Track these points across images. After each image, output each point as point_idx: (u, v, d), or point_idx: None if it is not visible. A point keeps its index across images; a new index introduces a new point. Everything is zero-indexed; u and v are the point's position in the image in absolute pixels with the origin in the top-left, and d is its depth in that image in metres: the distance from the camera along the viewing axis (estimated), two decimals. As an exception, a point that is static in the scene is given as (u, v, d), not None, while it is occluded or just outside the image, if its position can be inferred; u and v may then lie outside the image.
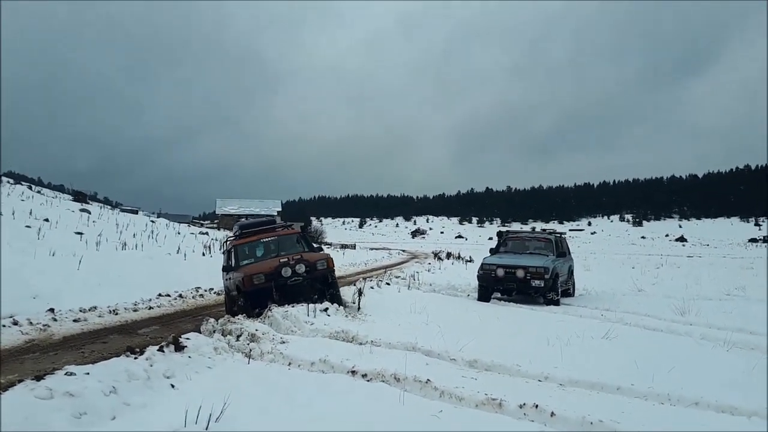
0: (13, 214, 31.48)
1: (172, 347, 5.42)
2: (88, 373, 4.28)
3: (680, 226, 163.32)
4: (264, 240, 11.68)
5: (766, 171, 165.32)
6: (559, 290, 13.11)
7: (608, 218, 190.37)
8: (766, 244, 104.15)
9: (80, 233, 29.33)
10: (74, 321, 10.63)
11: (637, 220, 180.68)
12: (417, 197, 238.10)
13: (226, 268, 11.63)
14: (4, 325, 9.54)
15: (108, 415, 3.93)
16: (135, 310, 12.46)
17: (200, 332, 7.43)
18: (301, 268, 10.07)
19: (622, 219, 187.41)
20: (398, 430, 3.98)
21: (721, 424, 4.44)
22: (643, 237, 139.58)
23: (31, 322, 9.93)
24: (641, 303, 12.87)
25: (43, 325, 9.91)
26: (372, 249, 60.28)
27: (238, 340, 6.73)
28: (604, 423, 4.28)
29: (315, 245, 12.03)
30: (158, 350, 5.24)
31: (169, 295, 14.78)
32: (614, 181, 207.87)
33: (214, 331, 7.23)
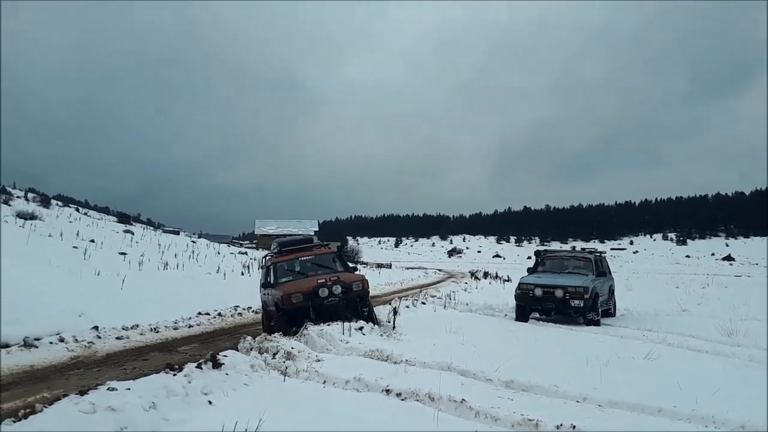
0: (61, 235, 32.65)
1: (210, 364, 5.52)
2: (129, 389, 4.39)
3: (727, 245, 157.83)
4: (302, 258, 11.88)
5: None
6: (599, 310, 12.82)
7: (651, 237, 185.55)
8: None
9: (124, 253, 30.20)
10: (117, 338, 10.92)
11: (681, 238, 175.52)
12: (453, 216, 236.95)
13: (265, 285, 11.88)
14: (51, 342, 9.89)
15: (148, 430, 4.02)
16: (175, 329, 12.72)
17: (238, 350, 7.55)
18: (337, 289, 10.22)
19: (665, 237, 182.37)
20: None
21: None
22: (687, 256, 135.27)
23: (76, 339, 10.23)
24: (685, 323, 12.48)
25: (88, 342, 10.20)
26: (408, 268, 60.06)
27: (274, 357, 6.81)
28: (645, 446, 4.17)
29: (350, 265, 12.22)
30: (197, 367, 5.35)
31: (208, 314, 15.03)
32: (656, 199, 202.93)
33: (251, 349, 7.33)
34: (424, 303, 14.63)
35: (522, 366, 6.94)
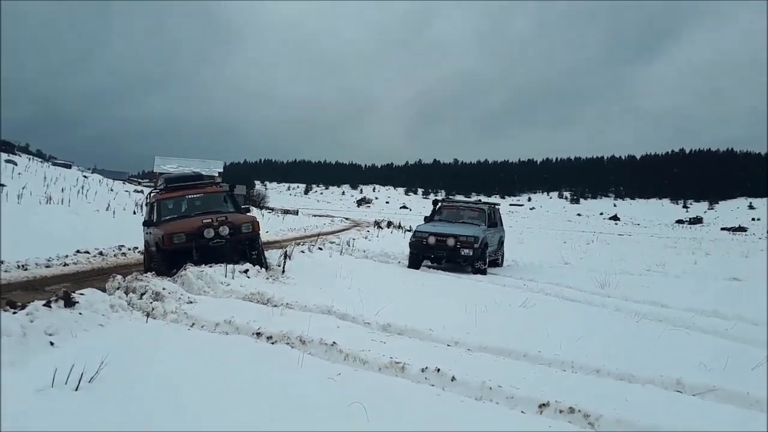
0: (-75, 162, 29.39)
1: (61, 303, 5.04)
2: (-52, 327, 3.89)
3: (615, 205, 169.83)
4: (189, 196, 11.13)
5: (700, 155, 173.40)
6: (487, 260, 13.24)
7: (548, 194, 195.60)
8: (692, 225, 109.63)
9: (2, 185, 27.69)
10: (-25, 275, 9.94)
11: (575, 197, 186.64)
12: (365, 166, 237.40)
13: (147, 223, 11.11)
14: None
15: (-34, 374, 3.58)
16: (47, 267, 11.78)
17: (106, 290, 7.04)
18: (224, 231, 9.67)
19: (560, 196, 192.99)
20: (287, 392, 3.81)
21: (616, 390, 4.48)
22: (579, 214, 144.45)
23: (-77, 276, 9.20)
24: (565, 275, 13.17)
25: (-61, 279, 9.20)
26: (315, 216, 59.73)
27: (141, 298, 6.39)
28: (503, 388, 4.25)
29: (243, 206, 11.62)
30: (45, 305, 4.86)
31: (88, 253, 14.05)
32: (557, 158, 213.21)
33: (118, 288, 6.84)
34: (320, 249, 14.45)
35: (402, 310, 6.96)
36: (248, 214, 11.15)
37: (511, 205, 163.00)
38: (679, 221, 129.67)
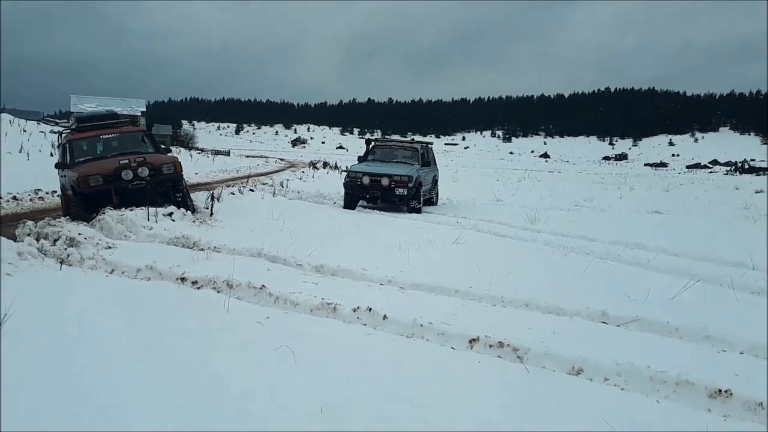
0: None
1: (-41, 252, 4.61)
2: None
3: (545, 143, 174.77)
4: (104, 137, 10.51)
5: (624, 94, 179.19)
6: (422, 199, 13.29)
7: (481, 134, 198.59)
8: (618, 161, 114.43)
9: None
10: None
11: (507, 136, 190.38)
12: (298, 105, 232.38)
13: (61, 165, 10.45)
14: None
15: None
16: (-48, 212, 10.90)
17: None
18: (144, 172, 9.22)
19: (493, 135, 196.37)
20: (211, 338, 3.66)
21: (544, 323, 4.58)
22: (511, 153, 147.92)
23: None
24: (497, 212, 13.40)
25: None
26: (248, 157, 58.17)
27: (54, 244, 5.97)
28: (434, 325, 4.25)
29: (162, 147, 11.11)
30: (-60, 256, 4.42)
31: (0, 197, 13.11)
32: (489, 97, 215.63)
33: (28, 235, 6.37)
34: (252, 190, 14.05)
35: (335, 251, 6.86)
36: (169, 154, 10.62)
37: (446, 144, 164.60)
38: (606, 158, 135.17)
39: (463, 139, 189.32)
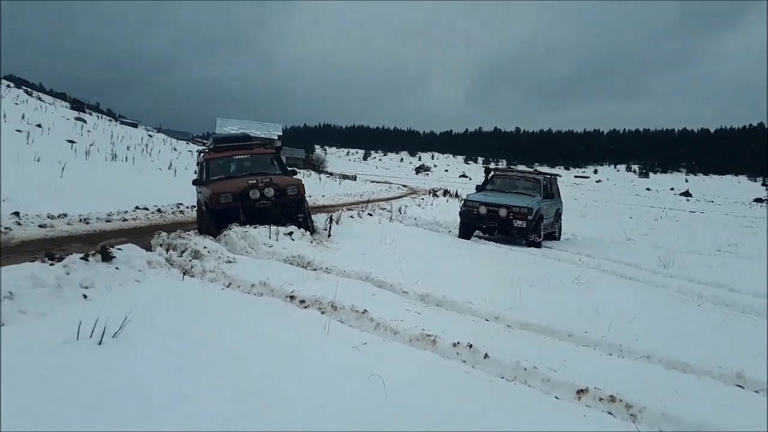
0: (4, 116, 30.99)
1: (99, 257, 5.08)
2: (-15, 276, 3.95)
3: (686, 181, 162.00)
4: (237, 157, 11.26)
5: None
6: (542, 233, 12.75)
7: (615, 167, 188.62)
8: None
9: (72, 141, 28.95)
10: (40, 226, 10.35)
11: (644, 171, 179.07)
12: (424, 132, 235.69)
13: (197, 182, 11.33)
14: (-39, 225, 9.28)
15: (-5, 322, 3.62)
16: (108, 221, 12.17)
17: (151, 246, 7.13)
18: (269, 192, 9.77)
19: (628, 169, 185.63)
20: (305, 358, 3.67)
21: (666, 380, 4.12)
22: (648, 189, 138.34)
23: (-9, 224, 9.62)
24: (626, 252, 12.51)
25: (5, 228, 9.60)
26: (372, 181, 59.81)
27: (181, 255, 6.41)
28: (539, 370, 3.97)
29: (289, 169, 11.65)
30: (82, 258, 4.90)
31: (147, 209, 14.48)
32: (625, 129, 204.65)
33: (161, 245, 6.91)
34: (370, 215, 14.32)
35: (444, 281, 6.72)
36: (294, 176, 11.13)
37: (575, 177, 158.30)
38: (758, 200, 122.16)
39: (595, 172, 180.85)
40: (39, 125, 31.83)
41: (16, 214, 10.71)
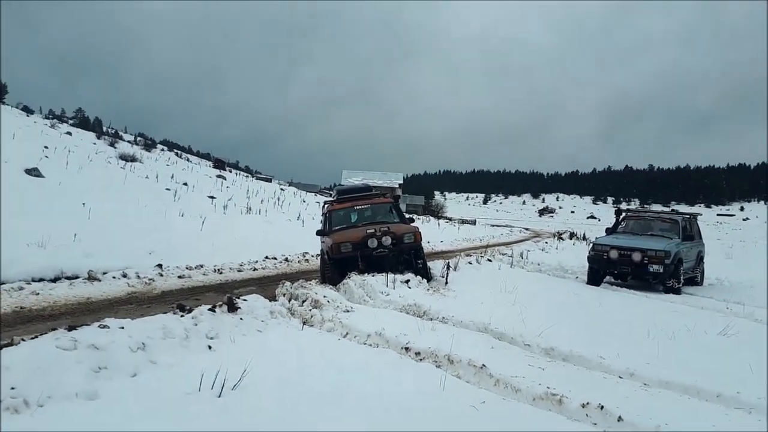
0: (156, 177, 34.52)
1: (225, 307, 5.33)
2: (122, 327, 4.25)
3: None
4: (357, 207, 11.65)
5: None
6: (682, 277, 11.61)
7: (765, 203, 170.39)
8: None
9: (213, 197, 31.53)
10: (179, 277, 11.18)
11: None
12: (547, 174, 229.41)
13: (321, 232, 11.78)
14: (114, 277, 10.26)
15: (128, 372, 3.86)
16: (239, 271, 12.89)
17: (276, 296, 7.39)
18: (387, 241, 9.91)
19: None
20: (419, 418, 3.50)
21: None
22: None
23: (138, 276, 10.53)
24: (783, 298, 11.04)
25: (149, 279, 10.48)
26: (493, 225, 58.85)
27: (302, 305, 6.56)
28: (683, 438, 3.49)
29: (407, 217, 11.81)
30: (209, 310, 5.17)
31: (275, 258, 15.19)
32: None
33: (284, 295, 7.14)
34: (489, 260, 13.96)
35: (570, 333, 6.26)
36: (412, 224, 11.20)
37: (718, 215, 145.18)
38: None
39: (741, 209, 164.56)
40: (185, 183, 35.09)
41: (159, 266, 11.67)
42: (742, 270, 18.14)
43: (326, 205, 12.55)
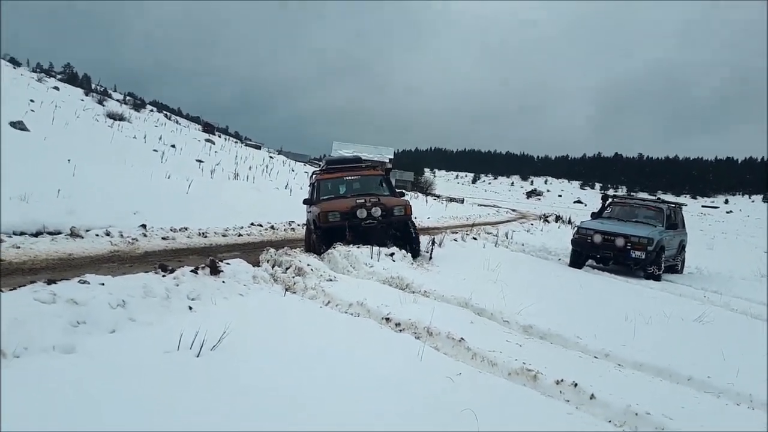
0: (144, 138, 34.07)
1: (207, 270, 5.31)
2: (103, 284, 4.23)
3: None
4: (347, 178, 11.49)
5: None
6: (663, 265, 11.76)
7: (749, 198, 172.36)
8: None
9: (200, 161, 31.22)
10: (162, 238, 11.11)
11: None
12: (537, 157, 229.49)
13: (308, 201, 11.66)
14: (97, 235, 10.17)
15: (107, 328, 3.85)
16: (224, 235, 12.86)
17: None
18: (376, 212, 9.79)
19: (765, 200, 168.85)
20: (395, 386, 3.54)
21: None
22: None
23: (122, 235, 10.46)
24: (759, 289, 11.25)
25: (132, 239, 10.40)
26: (480, 205, 58.93)
27: (285, 272, 6.57)
28: (652, 417, 3.57)
29: (398, 191, 11.61)
30: (192, 272, 5.15)
31: (261, 225, 15.14)
32: (763, 157, 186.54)
33: (268, 261, 7.13)
34: (474, 238, 14.01)
35: (549, 312, 6.34)
36: (402, 198, 11.11)
37: (703, 206, 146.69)
38: None
39: (726, 202, 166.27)
40: (173, 146, 34.69)
41: (143, 226, 11.59)
42: (721, 261, 18.41)
43: (314, 175, 12.42)
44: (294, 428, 2.87)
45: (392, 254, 8.70)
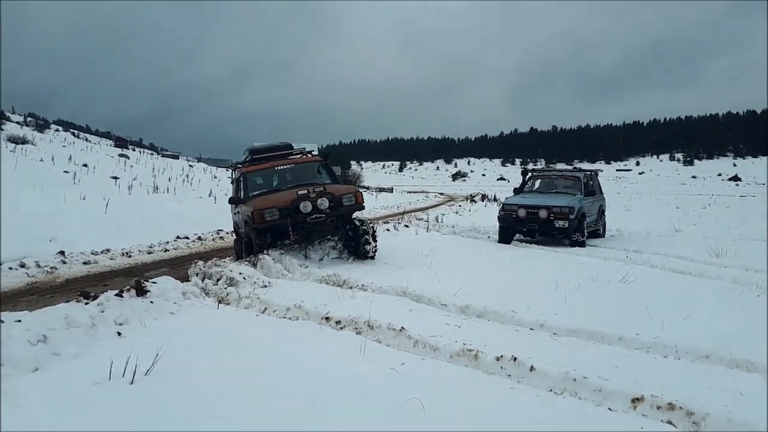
0: (52, 159, 32.22)
1: (133, 291, 5.09)
2: (19, 321, 3.96)
3: (735, 165, 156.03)
4: (279, 168, 9.99)
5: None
6: (586, 231, 12.33)
7: (658, 158, 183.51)
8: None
9: (116, 178, 29.86)
10: (84, 264, 10.55)
11: (688, 159, 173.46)
12: (458, 139, 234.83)
13: (234, 200, 10.29)
14: (10, 268, 9.52)
15: (29, 367, 3.61)
16: (149, 253, 12.35)
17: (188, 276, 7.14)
18: (323, 203, 8.50)
19: (672, 158, 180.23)
20: (339, 385, 3.53)
21: (728, 381, 3.81)
22: (693, 176, 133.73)
23: (38, 265, 9.84)
24: (675, 244, 11.99)
25: (51, 268, 9.82)
26: (409, 192, 59.67)
27: (216, 284, 6.39)
28: (589, 380, 3.72)
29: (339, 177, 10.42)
30: (116, 295, 4.92)
31: (187, 238, 14.66)
32: (665, 118, 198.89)
33: (197, 275, 6.92)
34: (406, 226, 14.18)
35: (484, 290, 6.49)
36: (349, 185, 10.11)
37: (617, 170, 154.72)
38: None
39: (638, 164, 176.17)
40: (85, 165, 32.99)
41: (62, 253, 10.95)
42: (639, 221, 19.50)
43: (237, 168, 10.81)
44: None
45: (327, 253, 8.63)
